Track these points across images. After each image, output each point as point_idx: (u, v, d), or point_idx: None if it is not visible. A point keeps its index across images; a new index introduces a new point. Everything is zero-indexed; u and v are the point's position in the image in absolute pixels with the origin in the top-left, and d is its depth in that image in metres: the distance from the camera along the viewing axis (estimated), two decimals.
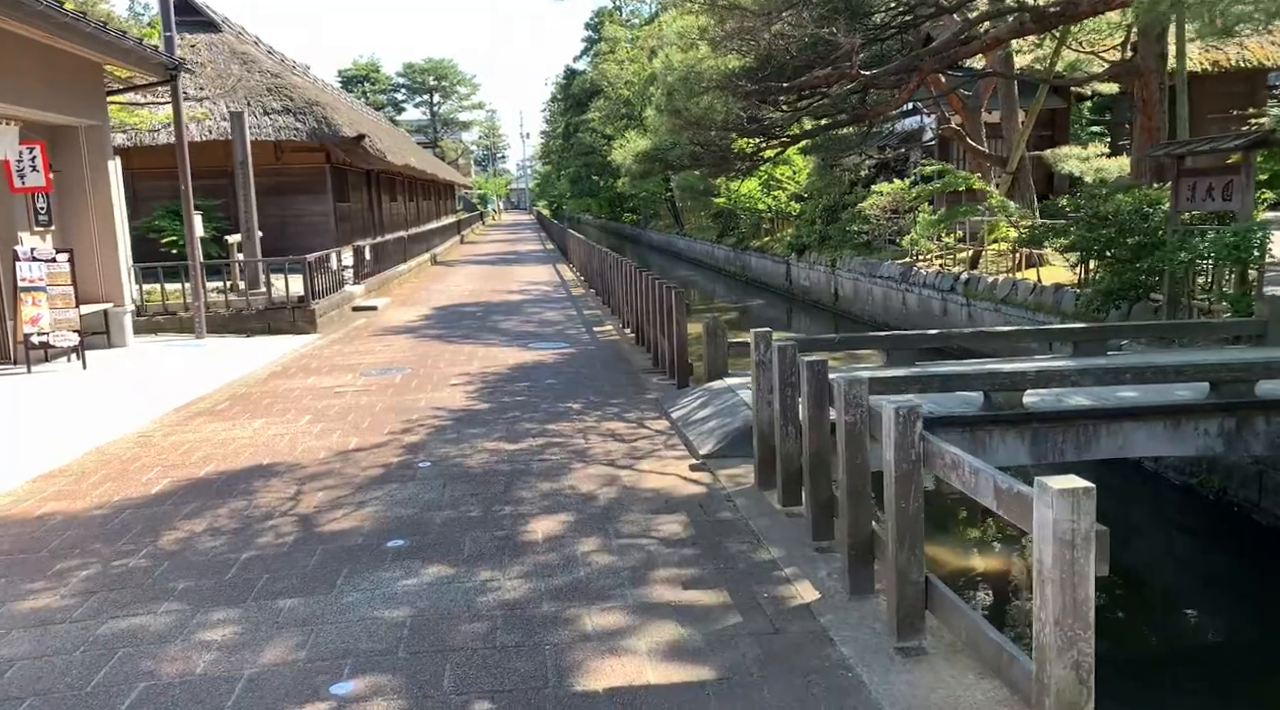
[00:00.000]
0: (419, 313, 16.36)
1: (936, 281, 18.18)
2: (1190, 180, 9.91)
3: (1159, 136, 13.56)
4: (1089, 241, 11.63)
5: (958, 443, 6.61)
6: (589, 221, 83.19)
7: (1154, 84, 13.48)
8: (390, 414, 8.32)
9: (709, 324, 8.04)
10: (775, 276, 28.83)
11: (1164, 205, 10.77)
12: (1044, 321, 14.32)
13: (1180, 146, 10.00)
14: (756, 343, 6.36)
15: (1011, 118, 18.16)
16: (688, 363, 8.81)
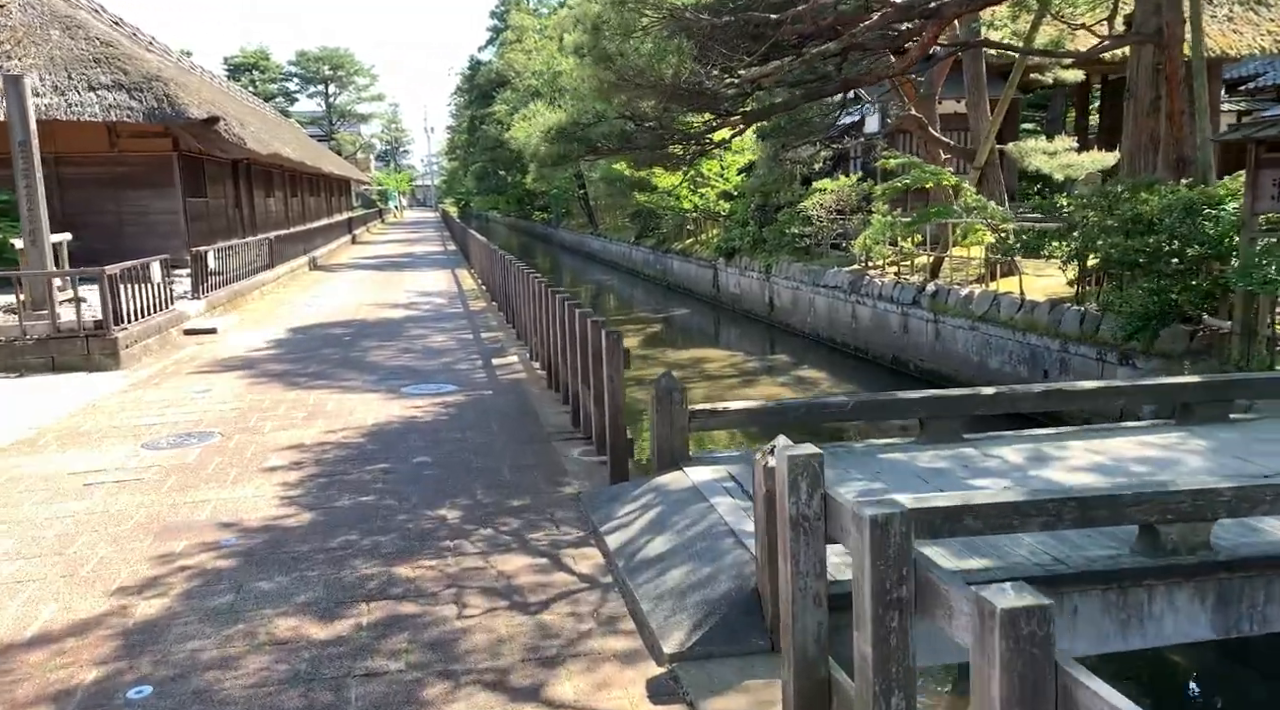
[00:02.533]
0: (269, 336, 12.96)
1: (895, 293, 15.66)
2: (1276, 172, 7.45)
3: (1182, 124, 11.21)
4: (1126, 251, 9.12)
5: (1101, 609, 3.79)
6: (497, 220, 79.45)
7: (1179, 56, 11.11)
8: (141, 540, 5.12)
9: (661, 386, 5.10)
10: (700, 282, 26.14)
11: (1229, 206, 8.31)
12: (1038, 346, 11.86)
13: (1269, 126, 7.52)
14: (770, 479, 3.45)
15: (980, 105, 15.74)
16: (626, 439, 5.84)
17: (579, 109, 11.89)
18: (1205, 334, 8.78)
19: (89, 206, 19.45)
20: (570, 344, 7.13)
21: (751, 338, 20.75)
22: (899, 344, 15.53)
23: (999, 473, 5.17)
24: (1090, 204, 10.78)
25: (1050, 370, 11.72)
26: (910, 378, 14.83)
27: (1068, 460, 5.38)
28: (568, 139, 11.79)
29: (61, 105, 17.60)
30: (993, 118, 15.34)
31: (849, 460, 5.33)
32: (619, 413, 5.74)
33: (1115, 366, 10.53)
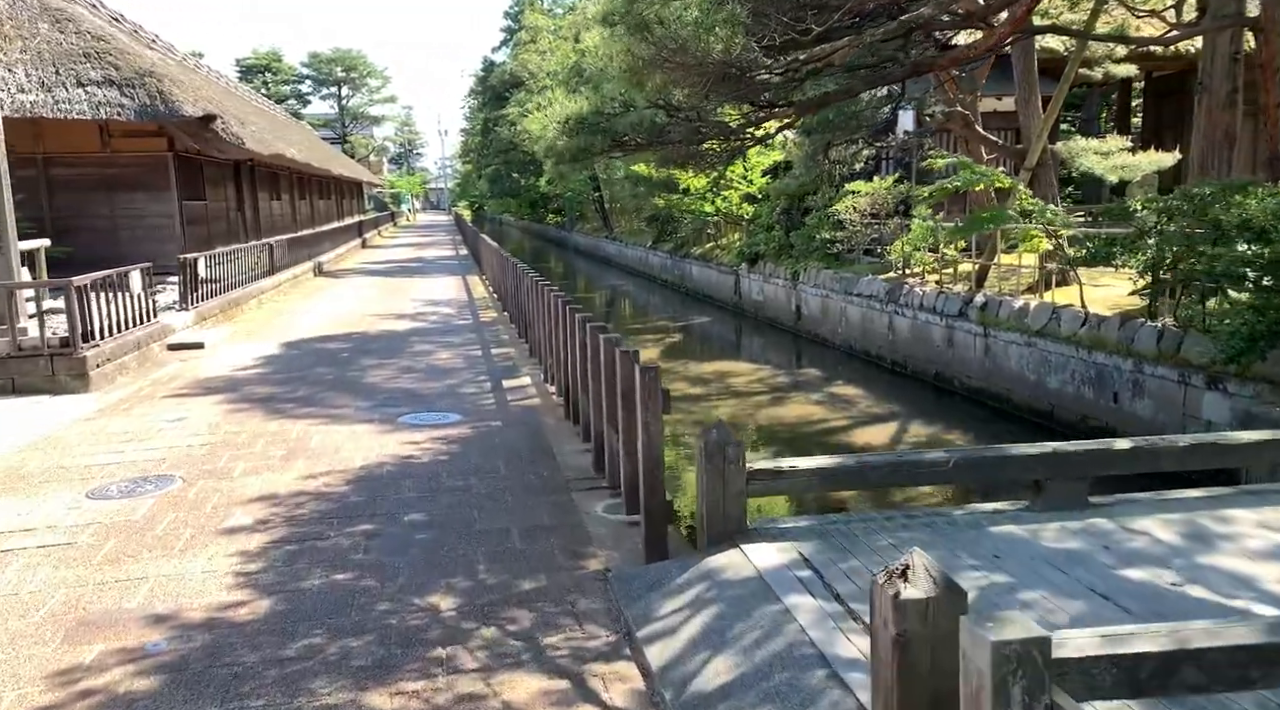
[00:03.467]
0: (261, 352, 11.87)
1: (938, 303, 14.45)
2: None
3: (1276, 118, 9.99)
4: (1231, 263, 7.90)
5: None
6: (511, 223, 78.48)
7: (1277, 42, 9.88)
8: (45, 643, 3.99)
9: (711, 440, 3.94)
10: (721, 289, 24.97)
11: None
12: (1106, 366, 10.64)
13: None
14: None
15: (1031, 100, 14.53)
16: (665, 501, 4.65)
17: (603, 97, 10.62)
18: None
19: (81, 210, 18.46)
20: (595, 375, 5.98)
21: (778, 349, 19.56)
22: (943, 359, 14.32)
23: (1154, 558, 4.00)
24: (1172, 209, 9.56)
25: (1121, 392, 10.49)
26: (956, 395, 13.63)
27: (1240, 539, 4.21)
28: (590, 131, 10.48)
29: (49, 102, 16.60)
30: (1045, 115, 14.12)
31: (951, 535, 4.19)
32: (657, 468, 4.59)
33: (1202, 391, 9.31)
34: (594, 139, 10.38)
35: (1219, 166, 11.76)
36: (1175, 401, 9.68)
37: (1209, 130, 11.91)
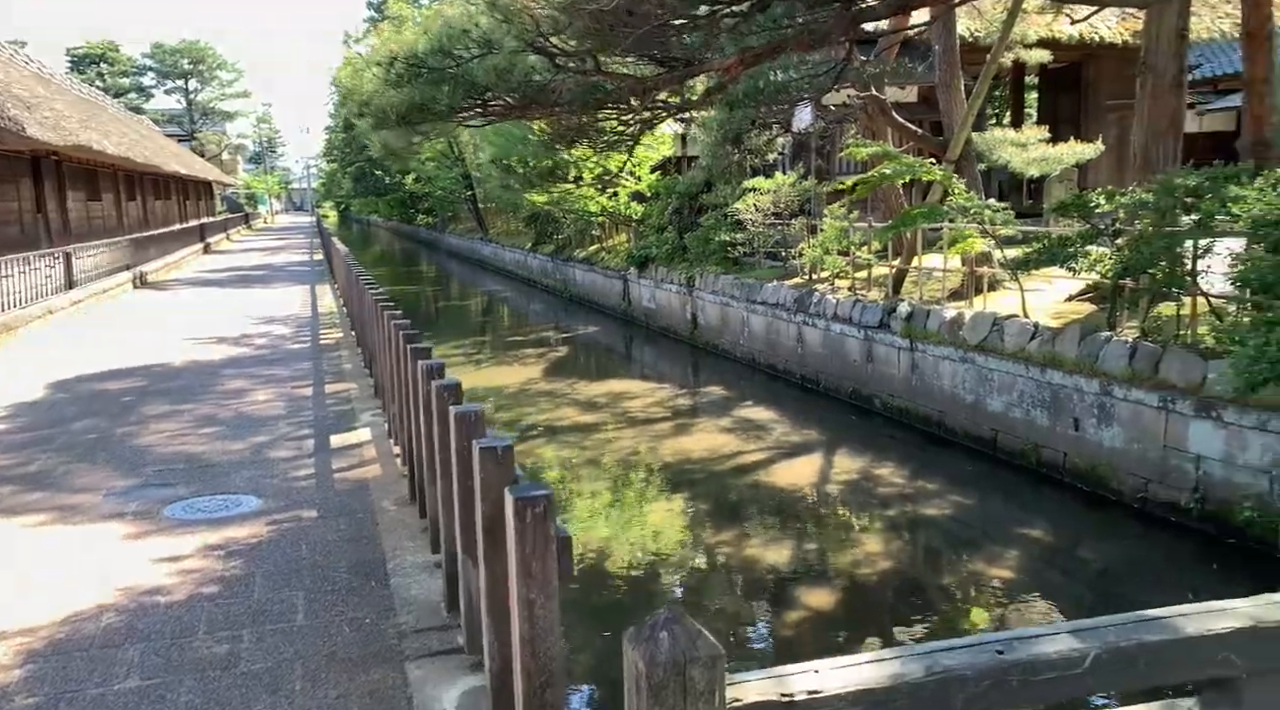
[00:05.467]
0: (10, 398, 9.00)
1: (855, 313, 12.79)
2: None
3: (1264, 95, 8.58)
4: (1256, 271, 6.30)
5: None
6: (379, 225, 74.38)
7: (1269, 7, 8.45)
8: None
9: (657, 656, 1.88)
10: (609, 295, 22.96)
11: None
12: (1063, 387, 9.10)
13: None
14: None
15: (953, 84, 13.04)
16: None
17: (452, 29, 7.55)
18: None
19: None
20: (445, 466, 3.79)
21: (675, 363, 17.64)
22: (860, 375, 12.66)
23: None
24: (1154, 205, 8.02)
25: (1083, 418, 8.96)
26: (878, 417, 11.98)
27: None
28: (431, 79, 7.56)
29: None
30: (970, 101, 12.63)
31: None
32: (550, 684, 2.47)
33: (1189, 419, 7.80)
34: (436, 91, 7.49)
35: (1163, 155, 10.43)
36: (1153, 430, 8.17)
37: (1154, 116, 10.57)
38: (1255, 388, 6.43)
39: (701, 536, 8.24)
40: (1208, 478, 7.66)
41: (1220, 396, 7.43)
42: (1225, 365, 6.86)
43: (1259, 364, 6.28)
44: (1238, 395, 6.79)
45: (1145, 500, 8.25)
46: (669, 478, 9.96)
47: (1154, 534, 7.89)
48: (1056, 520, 8.48)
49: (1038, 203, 17.43)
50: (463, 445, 3.11)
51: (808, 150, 15.67)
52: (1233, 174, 7.77)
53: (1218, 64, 20.63)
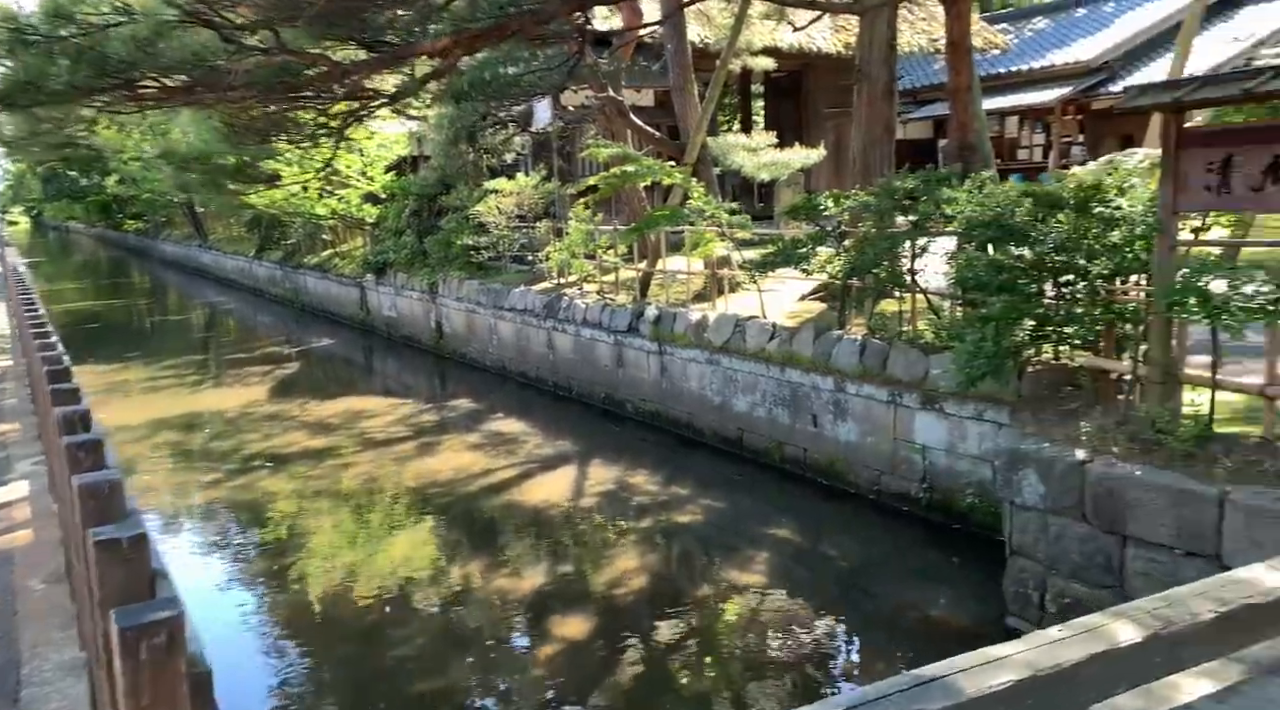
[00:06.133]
0: None
1: (604, 317, 12.61)
2: (1208, 153, 5.18)
3: (967, 103, 9.15)
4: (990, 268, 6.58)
5: None
6: (81, 231, 66.13)
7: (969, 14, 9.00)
8: None
9: None
10: (345, 304, 21.53)
11: (1124, 202, 6.02)
12: (802, 385, 9.33)
13: (1188, 87, 5.21)
14: None
15: (687, 87, 13.15)
16: None
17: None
18: (1097, 379, 6.50)
19: None
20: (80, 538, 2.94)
21: (420, 375, 16.72)
22: (612, 380, 12.50)
23: None
24: (875, 207, 8.32)
25: (821, 415, 9.22)
26: (630, 422, 11.85)
27: None
28: (46, 50, 5.82)
29: None
30: (704, 105, 12.78)
31: None
32: None
33: (914, 411, 8.19)
34: (55, 68, 5.82)
35: (879, 160, 11.02)
36: (884, 424, 8.51)
37: (869, 122, 11.14)
38: (975, 382, 6.73)
39: (449, 569, 7.60)
40: (934, 468, 8.04)
41: (942, 390, 7.81)
42: (947, 361, 7.16)
43: (977, 360, 6.56)
44: (959, 389, 7.11)
45: (880, 492, 8.57)
46: (412, 505, 9.21)
47: (889, 524, 8.19)
48: (801, 516, 8.62)
49: (769, 205, 18.15)
50: (81, 534, 2.35)
51: (549, 151, 15.34)
52: (944, 177, 8.21)
53: (916, 77, 22.56)
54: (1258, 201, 5.08)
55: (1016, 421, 6.76)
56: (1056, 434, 6.10)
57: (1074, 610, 5.70)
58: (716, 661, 6.10)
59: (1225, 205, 5.37)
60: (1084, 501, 5.62)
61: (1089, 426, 5.92)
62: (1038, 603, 5.94)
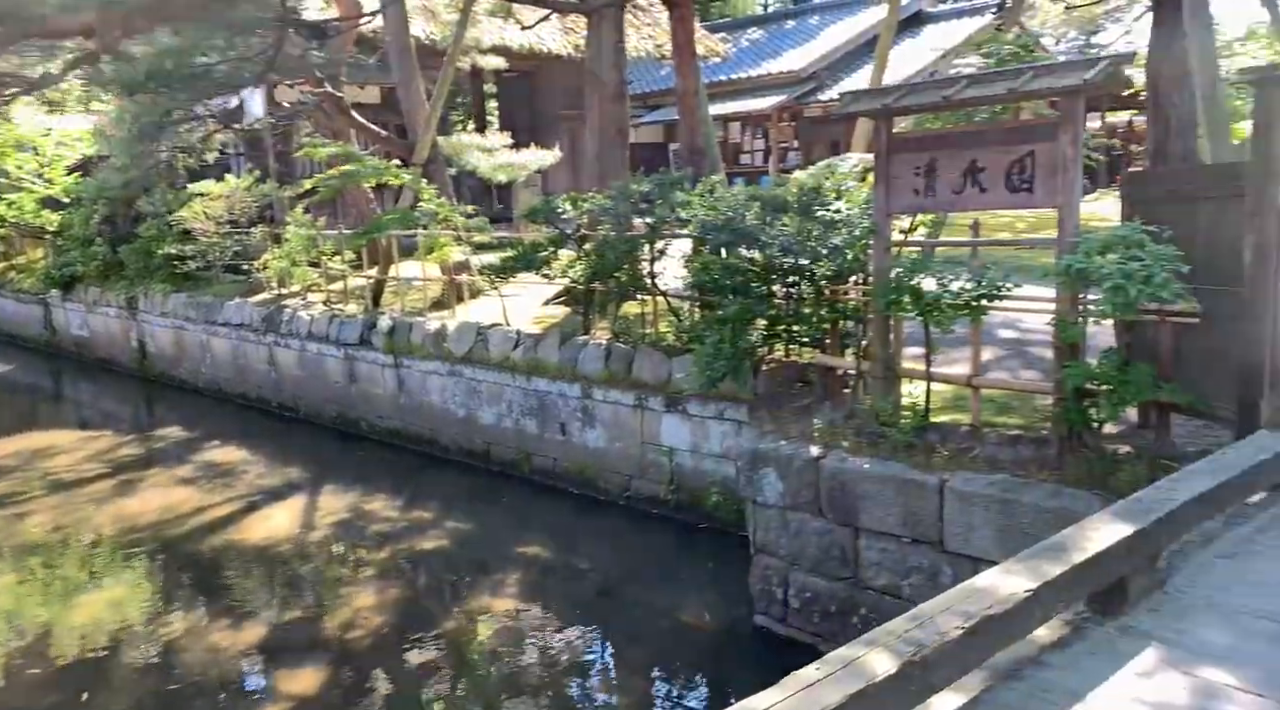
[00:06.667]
0: None
1: (333, 330, 11.74)
2: (915, 157, 5.49)
3: (694, 107, 9.26)
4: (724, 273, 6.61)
5: None
6: None
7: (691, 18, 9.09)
8: None
9: None
10: (27, 324, 18.78)
11: (843, 205, 6.25)
12: (549, 393, 9.12)
13: (895, 94, 5.48)
14: None
15: (412, 83, 12.52)
16: None
17: None
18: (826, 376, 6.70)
19: None
20: None
21: (120, 401, 14.81)
22: (345, 398, 11.65)
23: None
24: (613, 210, 8.22)
25: (569, 423, 9.05)
26: (368, 441, 11.10)
27: None
28: None
29: None
30: (432, 103, 12.22)
31: None
32: None
33: (661, 415, 8.20)
34: None
35: (612, 163, 11.04)
36: (632, 428, 8.46)
37: (603, 125, 11.12)
38: (715, 383, 6.78)
39: (159, 624, 6.60)
40: (681, 469, 8.08)
41: (685, 391, 7.85)
42: (690, 363, 7.16)
43: (716, 361, 6.60)
44: (700, 390, 7.14)
45: (631, 497, 8.50)
46: (113, 553, 8.00)
47: (640, 528, 8.13)
48: (552, 529, 8.37)
49: (508, 207, 17.81)
50: None
51: (263, 150, 14.07)
52: (677, 180, 8.25)
53: (646, 82, 23.13)
54: (958, 203, 5.40)
55: (755, 420, 6.87)
56: (792, 431, 6.24)
57: (815, 604, 5.85)
58: (469, 690, 5.70)
59: (931, 207, 5.69)
60: (820, 496, 5.76)
61: (820, 423, 6.09)
62: (782, 599, 6.04)
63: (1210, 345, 4.68)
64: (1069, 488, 4.81)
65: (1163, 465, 4.68)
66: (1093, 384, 4.74)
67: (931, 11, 22.79)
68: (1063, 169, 4.82)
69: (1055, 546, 2.78)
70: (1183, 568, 3.22)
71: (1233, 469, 3.40)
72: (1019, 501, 4.85)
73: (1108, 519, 2.98)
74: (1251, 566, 3.21)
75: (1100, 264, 4.51)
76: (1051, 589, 2.58)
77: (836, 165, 6.98)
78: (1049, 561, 2.66)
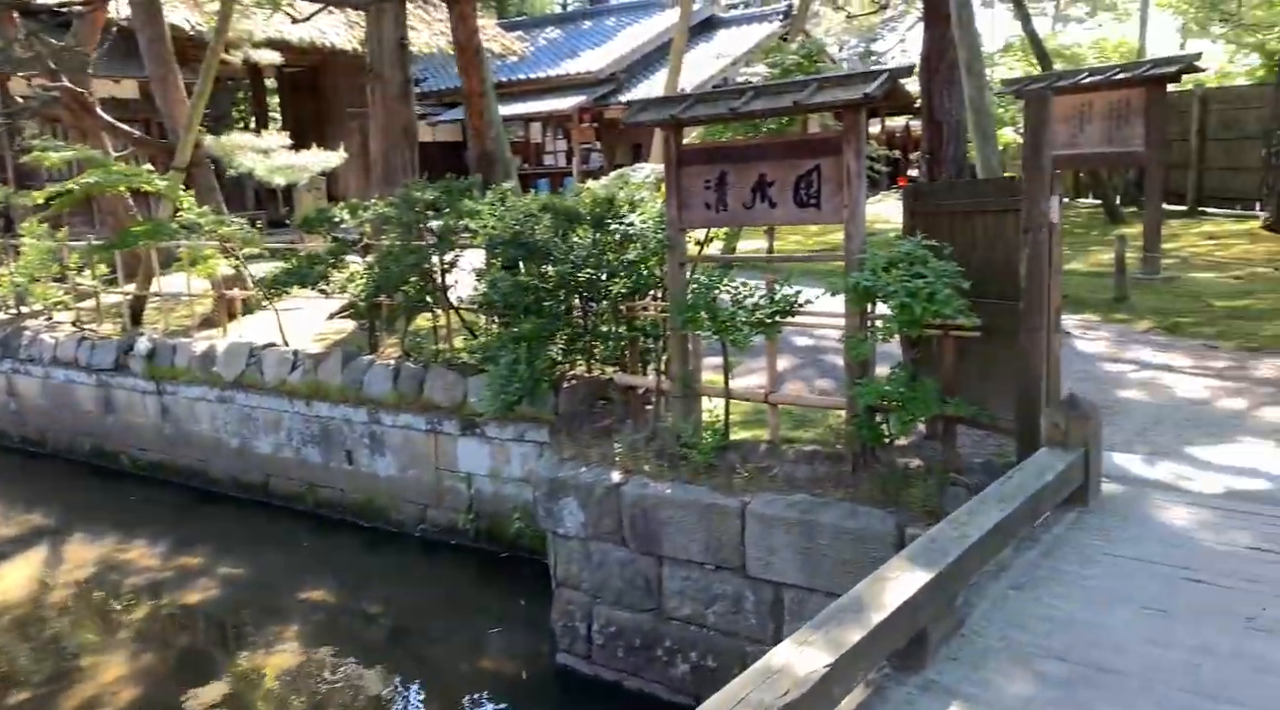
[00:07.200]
0: None
1: (84, 354, 10.44)
2: (706, 170, 5.32)
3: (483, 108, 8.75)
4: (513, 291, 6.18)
5: None
6: None
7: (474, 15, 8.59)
8: None
9: None
10: None
11: (636, 218, 5.99)
12: (333, 419, 8.43)
13: (683, 104, 5.27)
14: None
15: (169, 79, 11.31)
16: None
17: None
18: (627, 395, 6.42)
19: None
20: None
21: None
22: (100, 429, 10.39)
23: None
24: (398, 219, 7.64)
25: (356, 451, 8.38)
26: (129, 478, 9.93)
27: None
28: None
29: None
30: (194, 102, 11.07)
31: None
32: None
33: (456, 439, 7.70)
34: None
35: (402, 166, 10.42)
36: (425, 454, 7.93)
37: (388, 125, 10.48)
38: (511, 407, 6.37)
39: None
40: (480, 495, 7.62)
41: (482, 413, 7.38)
42: (483, 386, 6.71)
43: (511, 384, 6.20)
44: (496, 415, 6.71)
45: (427, 527, 7.97)
46: None
47: (439, 561, 7.63)
48: (341, 568, 7.70)
49: (295, 212, 16.62)
50: None
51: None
52: (466, 187, 7.76)
53: (441, 78, 22.30)
54: (749, 218, 5.26)
55: (555, 443, 6.51)
56: (594, 455, 5.92)
57: (620, 639, 5.57)
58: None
59: (724, 221, 5.52)
60: (622, 525, 5.48)
61: (621, 446, 5.81)
62: (585, 635, 5.72)
63: (991, 358, 4.75)
64: (864, 506, 4.76)
65: (952, 479, 4.72)
66: (883, 401, 4.70)
67: (723, 16, 23.30)
68: (847, 183, 4.75)
69: (853, 605, 2.57)
70: (978, 604, 3.12)
71: (1020, 495, 3.36)
72: (818, 522, 4.75)
73: (905, 566, 2.82)
74: (1042, 596, 3.17)
75: (886, 281, 4.46)
76: (852, 658, 2.37)
77: (629, 175, 6.74)
78: (847, 626, 2.44)
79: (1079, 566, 3.35)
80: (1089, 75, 10.33)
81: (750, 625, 5.05)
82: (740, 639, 5.08)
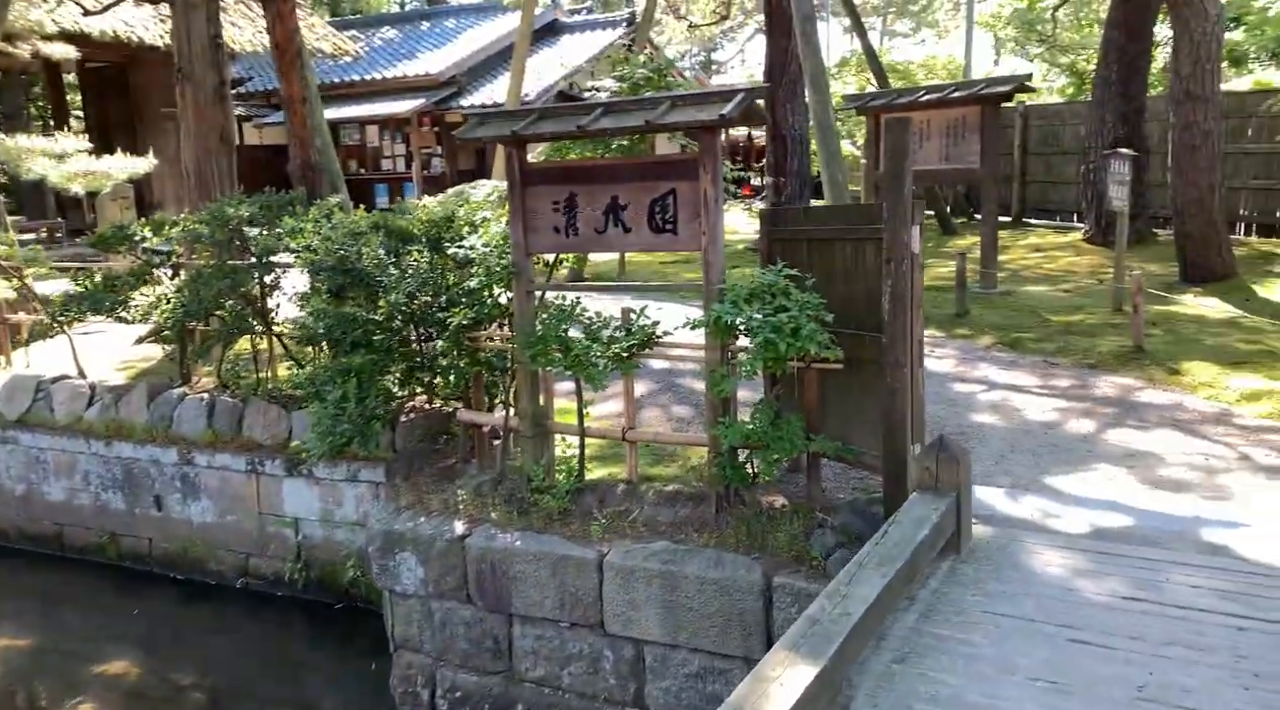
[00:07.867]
0: None
1: None
2: (554, 191, 4.90)
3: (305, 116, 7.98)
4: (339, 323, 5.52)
5: None
6: None
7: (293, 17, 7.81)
8: None
9: None
10: None
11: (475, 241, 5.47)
12: (138, 461, 7.51)
13: (526, 119, 4.83)
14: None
15: None
16: None
17: None
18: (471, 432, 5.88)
19: None
20: None
21: None
22: None
23: None
24: (210, 237, 6.82)
25: (166, 495, 7.49)
26: None
27: None
28: None
29: None
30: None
31: None
32: None
33: (281, 480, 6.97)
34: None
35: (216, 175, 9.48)
36: (246, 498, 7.14)
37: (201, 131, 9.50)
38: (341, 449, 5.74)
39: None
40: (309, 542, 6.91)
41: (309, 451, 6.68)
42: (308, 426, 6.03)
43: (340, 425, 5.57)
44: (324, 457, 6.04)
45: (249, 579, 7.17)
46: None
47: (264, 616, 6.86)
48: (149, 629, 6.81)
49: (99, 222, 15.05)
50: None
51: None
52: (286, 202, 7.03)
53: (269, 78, 20.88)
54: (602, 243, 4.88)
55: (392, 488, 5.92)
56: (434, 503, 5.39)
57: (466, 704, 5.07)
58: None
59: (575, 247, 5.11)
60: (468, 581, 4.99)
61: (465, 491, 5.30)
62: (428, 702, 5.18)
63: (852, 389, 4.55)
64: (729, 553, 4.46)
65: (819, 520, 4.48)
66: (748, 441, 4.41)
67: (567, 22, 22.93)
68: (705, 209, 4.44)
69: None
70: (861, 684, 2.84)
71: (899, 556, 3.10)
72: (681, 573, 4.42)
73: (786, 659, 2.49)
74: (927, 671, 2.92)
75: (750, 314, 4.17)
76: None
77: (469, 193, 6.22)
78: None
79: (961, 631, 3.13)
80: (926, 93, 10.55)
81: (609, 686, 4.67)
82: (599, 702, 4.69)
